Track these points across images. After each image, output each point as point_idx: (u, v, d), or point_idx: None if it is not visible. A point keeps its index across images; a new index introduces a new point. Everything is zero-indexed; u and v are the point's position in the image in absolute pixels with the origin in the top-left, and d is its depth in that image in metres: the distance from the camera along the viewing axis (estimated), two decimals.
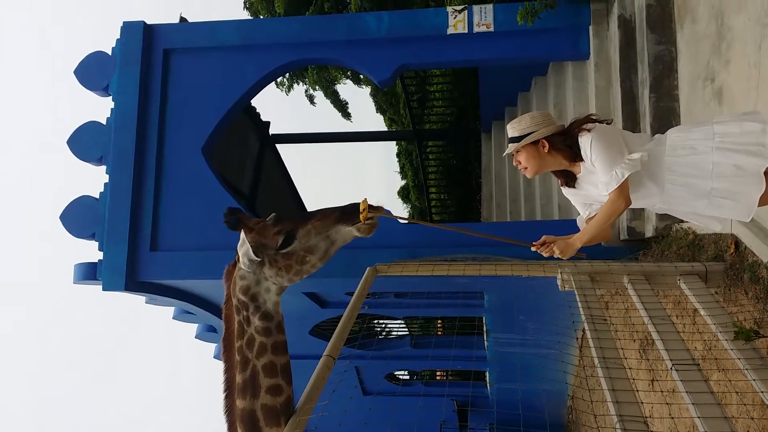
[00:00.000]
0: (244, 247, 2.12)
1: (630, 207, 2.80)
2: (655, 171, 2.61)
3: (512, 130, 2.76)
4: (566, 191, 2.98)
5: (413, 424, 11.21)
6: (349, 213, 2.24)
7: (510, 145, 2.77)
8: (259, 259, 2.14)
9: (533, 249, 2.91)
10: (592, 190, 2.77)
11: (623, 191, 2.57)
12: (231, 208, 2.18)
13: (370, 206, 2.30)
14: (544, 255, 2.89)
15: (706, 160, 2.48)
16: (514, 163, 2.83)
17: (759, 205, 2.45)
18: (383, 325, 12.53)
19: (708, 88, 4.46)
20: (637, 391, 2.51)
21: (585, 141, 2.60)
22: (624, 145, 2.59)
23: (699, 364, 2.68)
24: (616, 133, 2.66)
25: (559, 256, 2.84)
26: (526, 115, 2.78)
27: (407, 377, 12.68)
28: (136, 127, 6.40)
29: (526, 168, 2.78)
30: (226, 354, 2.18)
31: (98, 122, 6.58)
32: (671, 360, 2.72)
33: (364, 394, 10.67)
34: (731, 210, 2.51)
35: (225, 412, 2.14)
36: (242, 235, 2.15)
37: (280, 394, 2.11)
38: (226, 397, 2.14)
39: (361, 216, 2.23)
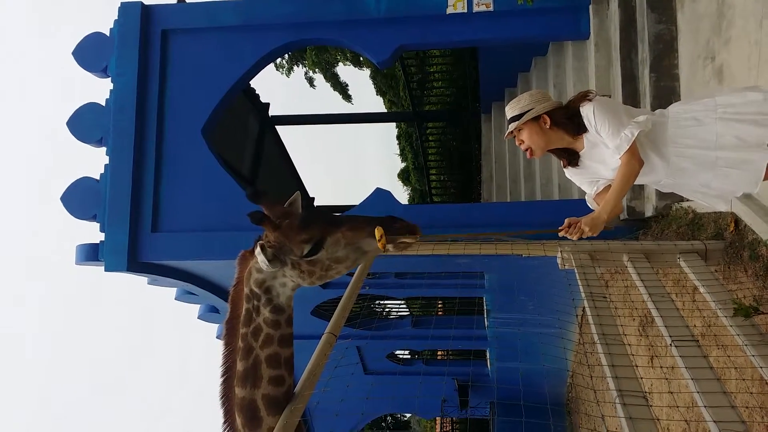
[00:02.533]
0: (261, 256, 1.97)
1: (635, 183, 2.79)
2: (659, 144, 2.62)
3: (511, 109, 2.76)
4: (569, 172, 2.96)
5: (415, 402, 11.40)
6: (384, 227, 2.00)
7: (510, 125, 2.76)
8: (278, 269, 2.02)
9: (561, 234, 2.81)
10: (597, 167, 2.76)
11: (634, 152, 2.55)
12: (253, 189, 2.04)
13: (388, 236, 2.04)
14: (573, 238, 2.78)
15: (710, 130, 2.49)
16: (517, 143, 2.82)
17: (767, 178, 2.46)
18: (384, 306, 12.61)
19: (708, 66, 4.45)
20: (637, 367, 2.54)
21: (587, 109, 2.60)
22: (627, 112, 2.61)
23: (698, 341, 2.70)
24: (618, 103, 2.67)
25: (589, 234, 2.74)
26: (524, 94, 2.78)
27: (408, 356, 12.79)
28: (135, 108, 6.38)
29: (530, 147, 2.76)
30: (228, 337, 2.10)
31: (97, 103, 6.56)
32: (671, 336, 2.75)
33: (366, 372, 10.76)
34: (738, 180, 2.51)
35: (221, 398, 2.07)
36: (257, 250, 1.97)
37: (281, 385, 2.05)
38: (224, 382, 2.07)
39: (379, 244, 2.03)
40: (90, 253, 6.35)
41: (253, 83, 9.71)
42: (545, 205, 6.51)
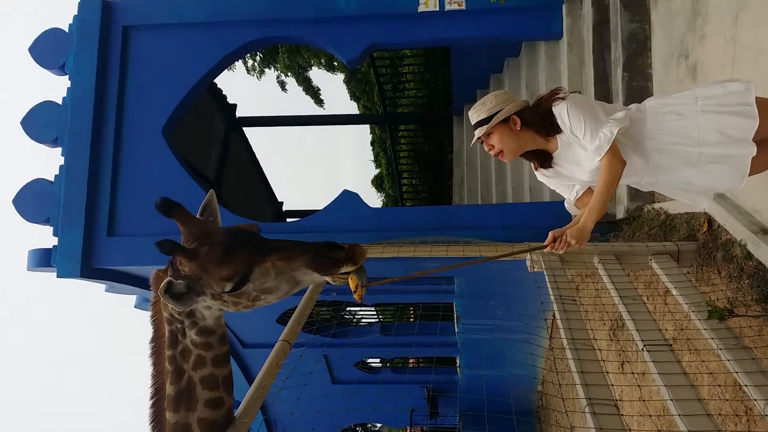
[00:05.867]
0: (169, 300, 1.68)
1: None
2: (638, 141, 2.44)
3: (477, 113, 2.55)
4: (541, 175, 2.75)
5: (383, 412, 11.21)
6: (321, 257, 1.68)
7: (478, 129, 2.54)
8: (192, 304, 1.74)
9: (547, 251, 2.60)
10: (573, 169, 2.57)
11: (616, 152, 2.37)
12: (165, 200, 1.70)
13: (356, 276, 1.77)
14: (560, 252, 2.56)
15: (691, 125, 2.33)
16: (487, 149, 2.61)
17: (752, 173, 2.31)
18: (354, 313, 12.41)
19: (682, 64, 4.36)
20: (607, 373, 2.39)
21: (561, 109, 2.41)
22: (602, 109, 2.44)
23: (671, 345, 2.57)
24: (591, 100, 2.51)
25: (576, 247, 2.52)
26: (488, 96, 2.57)
27: (379, 365, 12.59)
28: (93, 107, 6.13)
29: (502, 152, 2.56)
30: (155, 357, 1.88)
31: (54, 102, 6.29)
32: (642, 341, 2.61)
33: (333, 382, 10.53)
34: (724, 176, 2.36)
35: (151, 422, 1.86)
36: (162, 291, 1.66)
37: (220, 407, 1.86)
38: (153, 405, 1.87)
39: (355, 295, 1.79)
40: (42, 259, 6.07)
41: (223, 86, 9.51)
42: (517, 208, 6.40)
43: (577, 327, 2.78)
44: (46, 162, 6.74)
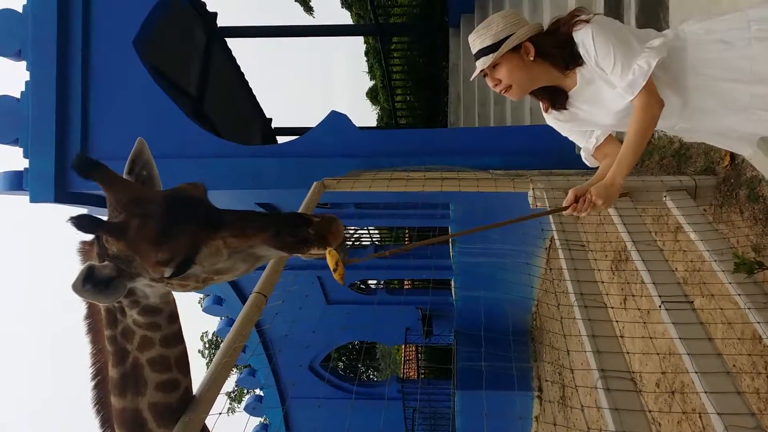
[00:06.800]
0: (87, 293, 1.32)
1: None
2: (677, 76, 1.99)
3: (481, 38, 2.03)
4: (552, 118, 2.28)
5: (378, 330, 11.26)
6: (284, 237, 1.33)
7: (482, 59, 2.04)
8: (123, 292, 1.40)
9: (567, 213, 2.15)
10: (593, 111, 2.13)
11: (652, 90, 1.91)
12: (81, 158, 1.37)
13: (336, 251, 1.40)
14: (583, 215, 2.13)
15: (742, 55, 1.88)
16: (491, 84, 2.11)
17: None
18: (350, 235, 12.27)
19: None
20: (612, 308, 2.13)
21: (584, 35, 1.94)
22: (634, 36, 1.97)
23: (692, 302, 2.29)
24: (620, 23, 2.04)
25: (603, 208, 2.09)
26: (494, 17, 2.06)
27: (373, 286, 12.55)
28: (57, 14, 5.59)
29: (510, 87, 2.08)
30: (93, 335, 1.57)
31: (13, 10, 5.74)
32: (660, 296, 2.33)
33: (328, 303, 10.49)
34: None
35: (95, 405, 1.58)
36: (78, 282, 1.29)
37: (175, 389, 1.57)
38: (95, 387, 1.58)
39: (335, 275, 1.46)
40: (14, 182, 5.72)
41: None
42: (516, 131, 6.01)
43: (584, 278, 2.49)
44: (11, 78, 6.26)
